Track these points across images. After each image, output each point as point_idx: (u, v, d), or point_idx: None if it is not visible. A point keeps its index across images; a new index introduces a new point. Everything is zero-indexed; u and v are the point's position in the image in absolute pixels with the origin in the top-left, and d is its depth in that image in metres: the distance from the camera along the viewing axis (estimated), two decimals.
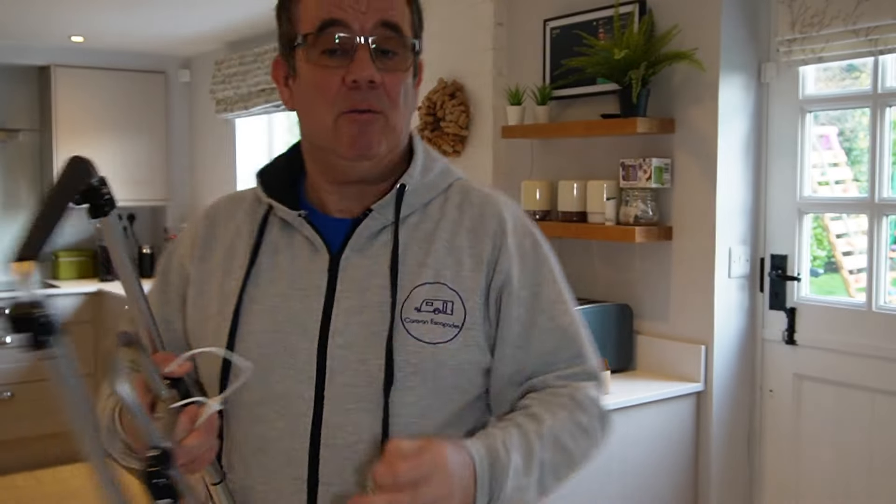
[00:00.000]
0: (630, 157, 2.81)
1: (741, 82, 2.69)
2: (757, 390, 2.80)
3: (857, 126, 2.76)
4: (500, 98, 3.30)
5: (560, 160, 3.17)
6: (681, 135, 2.76)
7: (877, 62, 2.50)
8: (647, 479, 2.62)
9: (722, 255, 2.70)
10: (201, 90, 5.70)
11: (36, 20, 4.59)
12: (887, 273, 2.53)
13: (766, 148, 2.76)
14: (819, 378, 2.64)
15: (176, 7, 4.30)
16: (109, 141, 5.52)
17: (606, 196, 2.83)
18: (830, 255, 2.81)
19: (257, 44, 4.92)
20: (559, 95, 3.10)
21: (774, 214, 2.76)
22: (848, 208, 2.71)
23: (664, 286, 2.84)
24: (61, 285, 5.33)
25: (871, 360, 2.51)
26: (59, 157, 5.35)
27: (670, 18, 2.75)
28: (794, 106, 2.68)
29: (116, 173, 5.54)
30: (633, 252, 2.93)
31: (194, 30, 4.89)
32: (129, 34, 5.01)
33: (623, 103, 2.75)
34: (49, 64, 5.33)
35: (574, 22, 3.04)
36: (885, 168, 2.51)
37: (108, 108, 5.51)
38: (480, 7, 3.34)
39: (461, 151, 3.43)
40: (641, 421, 2.61)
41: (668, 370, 2.80)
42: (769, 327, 2.77)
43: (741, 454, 2.81)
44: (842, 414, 2.59)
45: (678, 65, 2.70)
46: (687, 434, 2.73)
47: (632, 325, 2.90)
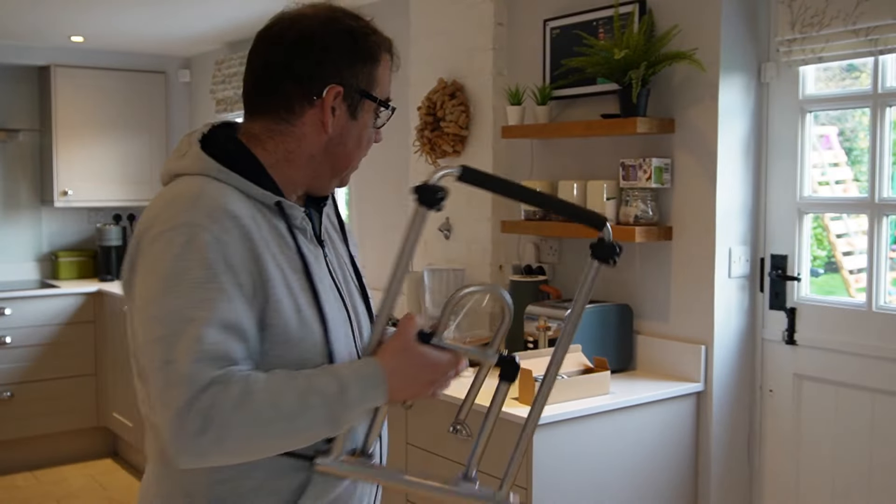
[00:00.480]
0: (630, 157, 2.81)
1: (741, 82, 2.69)
2: (757, 390, 2.80)
3: (857, 126, 2.76)
4: (500, 98, 3.30)
5: (560, 160, 3.17)
6: (681, 135, 2.76)
7: (877, 62, 2.50)
8: (647, 478, 2.63)
9: (722, 255, 2.70)
10: (201, 90, 5.70)
11: (36, 20, 4.59)
12: (887, 273, 2.53)
13: (766, 148, 2.76)
14: (819, 378, 2.64)
15: (176, 7, 4.30)
16: (109, 141, 5.52)
17: (606, 196, 2.83)
18: (830, 255, 2.81)
19: None
20: (559, 95, 3.10)
21: (774, 214, 2.76)
22: (848, 208, 2.71)
23: (664, 286, 2.84)
24: (61, 285, 5.32)
25: (871, 360, 2.51)
26: (60, 157, 5.35)
27: (670, 18, 2.75)
28: (794, 106, 2.68)
29: (116, 173, 5.55)
30: (633, 252, 2.93)
31: (194, 30, 4.89)
32: (129, 34, 5.01)
33: (623, 103, 2.75)
34: (49, 64, 5.33)
35: (574, 22, 3.04)
36: (885, 168, 2.51)
37: (108, 108, 5.51)
38: (480, 7, 3.34)
39: (461, 151, 3.43)
40: (641, 421, 2.61)
41: (668, 370, 2.80)
42: (769, 327, 2.77)
43: (741, 454, 2.81)
44: (842, 414, 2.59)
45: (678, 65, 2.70)
46: (687, 434, 2.73)
47: (632, 325, 2.90)
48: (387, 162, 4.05)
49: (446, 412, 2.57)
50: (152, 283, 1.22)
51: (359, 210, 4.33)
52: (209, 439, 1.14)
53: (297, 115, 1.33)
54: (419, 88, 3.60)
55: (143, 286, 1.24)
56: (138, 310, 1.24)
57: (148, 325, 1.20)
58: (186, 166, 1.33)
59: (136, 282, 1.27)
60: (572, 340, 1.33)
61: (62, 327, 5.17)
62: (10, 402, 5.01)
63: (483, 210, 3.35)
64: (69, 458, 5.24)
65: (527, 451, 2.34)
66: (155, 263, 1.23)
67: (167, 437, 1.15)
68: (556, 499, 2.41)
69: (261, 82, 1.36)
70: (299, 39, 1.33)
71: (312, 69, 1.32)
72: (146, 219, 1.30)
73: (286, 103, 1.33)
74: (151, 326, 1.19)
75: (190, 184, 1.29)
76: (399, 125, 3.86)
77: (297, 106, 1.33)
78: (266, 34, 1.38)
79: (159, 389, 1.16)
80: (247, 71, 1.39)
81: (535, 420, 1.35)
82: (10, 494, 4.70)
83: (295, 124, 1.34)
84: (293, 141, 1.35)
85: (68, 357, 5.19)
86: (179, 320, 1.17)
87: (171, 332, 1.17)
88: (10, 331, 5.00)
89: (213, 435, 1.14)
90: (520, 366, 1.34)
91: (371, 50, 1.38)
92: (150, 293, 1.21)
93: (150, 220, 1.29)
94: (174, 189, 1.31)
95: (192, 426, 1.13)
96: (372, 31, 1.40)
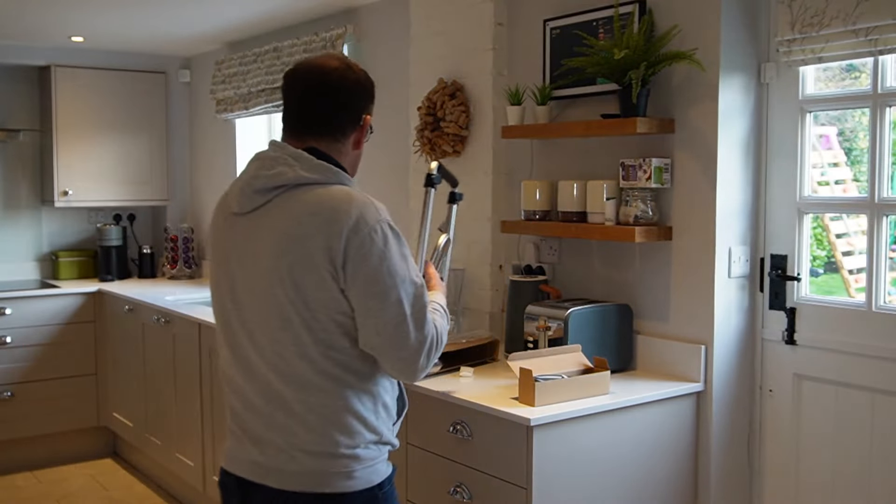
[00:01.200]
0: (630, 157, 2.81)
1: (741, 82, 2.70)
2: (757, 390, 2.80)
3: (856, 126, 2.76)
4: (500, 98, 3.30)
5: (560, 160, 3.17)
6: (681, 135, 2.76)
7: (877, 62, 2.50)
8: (646, 478, 2.63)
9: (722, 255, 2.70)
10: (201, 90, 5.70)
11: (36, 20, 4.59)
12: (887, 273, 2.53)
13: (765, 148, 2.76)
14: (819, 378, 2.64)
15: (176, 7, 4.31)
16: (109, 141, 5.53)
17: (606, 196, 2.84)
18: (830, 255, 2.81)
19: (257, 44, 4.92)
20: (559, 95, 3.10)
21: (774, 214, 2.76)
22: (848, 208, 2.71)
23: (664, 286, 2.84)
24: (61, 285, 5.32)
25: (871, 360, 2.51)
26: (60, 157, 5.35)
27: (670, 18, 2.75)
28: (794, 106, 2.68)
29: (116, 173, 5.56)
30: (633, 252, 2.93)
31: (194, 30, 4.90)
32: (129, 34, 5.01)
33: (623, 103, 2.75)
34: (49, 64, 5.33)
35: (574, 22, 3.04)
36: (885, 168, 2.51)
37: (108, 108, 5.51)
38: (480, 7, 3.34)
39: (461, 151, 3.43)
40: (641, 421, 2.61)
41: (667, 370, 2.80)
42: (769, 327, 2.77)
43: (741, 454, 2.81)
44: (842, 414, 2.60)
45: (678, 65, 2.70)
46: (687, 434, 2.73)
47: (632, 325, 2.90)
48: (387, 162, 4.05)
49: (446, 412, 2.57)
50: (383, 264, 1.76)
51: None
52: (434, 357, 1.85)
53: (347, 136, 1.92)
54: (419, 88, 3.60)
55: (376, 266, 1.76)
56: (368, 282, 1.76)
57: (386, 292, 1.76)
58: (324, 179, 1.83)
59: (348, 266, 1.76)
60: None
61: (62, 327, 5.17)
62: (10, 402, 5.01)
63: (483, 210, 3.35)
64: (69, 458, 5.24)
65: (527, 450, 2.34)
66: (379, 250, 1.76)
67: (410, 365, 1.81)
68: (556, 499, 2.41)
69: (327, 110, 1.90)
70: (351, 83, 1.91)
71: (362, 103, 1.94)
72: (346, 220, 1.77)
73: (341, 127, 1.91)
74: (389, 293, 1.76)
75: (349, 191, 1.83)
76: (399, 125, 3.87)
77: (351, 128, 1.92)
78: (325, 79, 1.90)
79: (403, 334, 1.78)
80: (303, 104, 1.90)
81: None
82: (10, 494, 4.71)
83: (345, 143, 1.92)
84: (344, 155, 1.93)
85: (68, 357, 5.19)
86: (411, 285, 1.79)
87: (408, 294, 1.78)
88: (10, 331, 5.00)
89: (437, 353, 1.85)
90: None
91: (373, 90, 1.98)
92: (385, 272, 1.77)
93: (352, 222, 1.77)
94: (343, 196, 1.81)
95: (432, 352, 1.83)
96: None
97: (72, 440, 5.27)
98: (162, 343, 4.55)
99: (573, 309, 2.75)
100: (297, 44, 4.45)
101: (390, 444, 1.92)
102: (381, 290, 1.76)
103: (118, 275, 5.62)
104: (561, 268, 3.17)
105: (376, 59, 4.12)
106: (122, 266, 5.66)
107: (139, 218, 5.93)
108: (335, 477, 1.82)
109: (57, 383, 5.16)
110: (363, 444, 1.84)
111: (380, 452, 1.89)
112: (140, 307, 4.78)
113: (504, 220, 3.23)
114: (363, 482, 1.84)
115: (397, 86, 3.87)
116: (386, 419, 1.90)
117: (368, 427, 1.85)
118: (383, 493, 1.88)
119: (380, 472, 1.88)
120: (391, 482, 1.92)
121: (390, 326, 1.77)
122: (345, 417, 1.82)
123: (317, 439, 1.81)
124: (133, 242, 5.83)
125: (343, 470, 1.82)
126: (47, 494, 4.70)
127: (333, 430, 1.81)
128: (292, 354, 1.79)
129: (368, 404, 1.85)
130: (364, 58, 4.20)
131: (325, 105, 1.88)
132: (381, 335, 1.78)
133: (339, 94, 1.89)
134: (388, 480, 1.91)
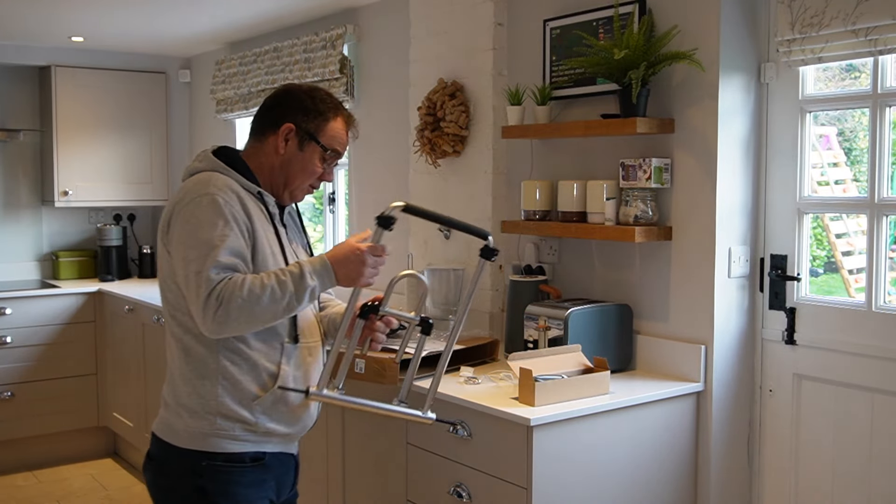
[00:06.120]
0: (630, 157, 2.81)
1: (741, 82, 2.70)
2: (757, 390, 2.80)
3: (856, 126, 2.77)
4: (500, 98, 3.30)
5: (560, 160, 3.17)
6: (680, 135, 2.76)
7: (876, 62, 2.50)
8: (646, 478, 2.63)
9: (722, 255, 2.70)
10: (201, 90, 5.70)
11: (36, 20, 4.59)
12: (887, 273, 2.53)
13: (765, 148, 2.76)
14: (819, 378, 2.65)
15: (176, 7, 4.31)
16: (110, 141, 5.53)
17: (606, 196, 2.84)
18: (830, 255, 2.81)
19: (257, 44, 4.92)
20: (559, 95, 3.10)
21: (774, 214, 2.76)
22: (848, 208, 2.71)
23: (664, 286, 2.84)
24: (61, 285, 5.33)
25: (871, 360, 2.51)
26: (60, 156, 5.36)
27: (670, 18, 2.75)
28: (794, 106, 2.69)
29: (116, 173, 5.56)
30: (632, 252, 2.93)
31: (194, 30, 4.90)
32: (129, 34, 5.01)
33: (623, 103, 2.75)
34: (49, 64, 5.33)
35: (574, 22, 3.04)
36: (884, 168, 2.51)
37: (108, 108, 5.52)
38: (480, 7, 3.34)
39: (461, 151, 3.43)
40: (641, 421, 2.61)
41: (667, 370, 2.80)
42: (769, 327, 2.77)
43: (741, 454, 2.81)
44: (842, 414, 2.60)
45: (678, 65, 2.70)
46: (687, 434, 2.74)
47: (632, 325, 2.90)
48: (387, 162, 4.05)
49: (446, 412, 2.57)
50: (189, 228, 1.93)
51: (359, 209, 4.33)
52: (223, 313, 1.87)
53: (266, 138, 2.12)
54: (419, 88, 3.60)
55: (181, 231, 1.95)
56: (178, 244, 1.95)
57: (186, 252, 1.92)
58: (202, 166, 2.07)
59: (174, 232, 1.97)
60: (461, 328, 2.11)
61: (62, 327, 5.17)
62: (10, 401, 5.02)
63: (483, 210, 3.35)
64: (69, 458, 5.24)
65: (527, 450, 2.35)
66: (189, 216, 1.95)
67: (199, 318, 1.89)
68: (556, 498, 2.41)
69: (256, 117, 2.16)
70: (280, 94, 2.16)
71: (280, 111, 2.12)
72: (179, 195, 2.00)
73: (262, 130, 2.13)
74: (188, 252, 1.92)
75: (205, 174, 2.02)
76: (399, 125, 3.87)
77: (269, 132, 2.12)
78: (272, 92, 2.20)
79: (193, 290, 1.89)
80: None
81: (448, 350, 2.10)
82: (10, 494, 4.71)
83: (264, 144, 2.12)
84: (263, 156, 2.12)
85: (68, 357, 5.19)
86: (207, 247, 1.90)
87: (201, 254, 1.90)
88: (10, 331, 5.00)
89: (224, 309, 1.87)
90: (432, 325, 2.08)
91: (321, 108, 2.11)
92: (188, 234, 1.93)
93: (181, 195, 2.00)
94: (195, 178, 2.03)
95: (212, 307, 1.87)
96: (328, 97, 2.15)
97: (72, 440, 5.27)
98: (162, 343, 4.52)
99: (573, 309, 2.75)
100: (297, 44, 4.45)
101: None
102: (179, 250, 1.96)
103: (118, 275, 5.63)
104: (561, 268, 3.17)
105: (376, 59, 4.12)
106: (122, 266, 5.67)
107: (139, 218, 5.93)
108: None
109: (57, 383, 5.16)
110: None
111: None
112: (140, 307, 4.78)
113: (504, 220, 3.23)
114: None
115: (397, 86, 3.87)
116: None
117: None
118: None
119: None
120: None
121: (183, 281, 1.95)
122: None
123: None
124: (133, 242, 5.83)
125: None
126: (47, 494, 4.70)
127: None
128: (167, 319, 2.10)
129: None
130: (364, 58, 4.20)
131: (258, 110, 2.18)
132: (183, 288, 1.97)
133: (268, 100, 2.17)
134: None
